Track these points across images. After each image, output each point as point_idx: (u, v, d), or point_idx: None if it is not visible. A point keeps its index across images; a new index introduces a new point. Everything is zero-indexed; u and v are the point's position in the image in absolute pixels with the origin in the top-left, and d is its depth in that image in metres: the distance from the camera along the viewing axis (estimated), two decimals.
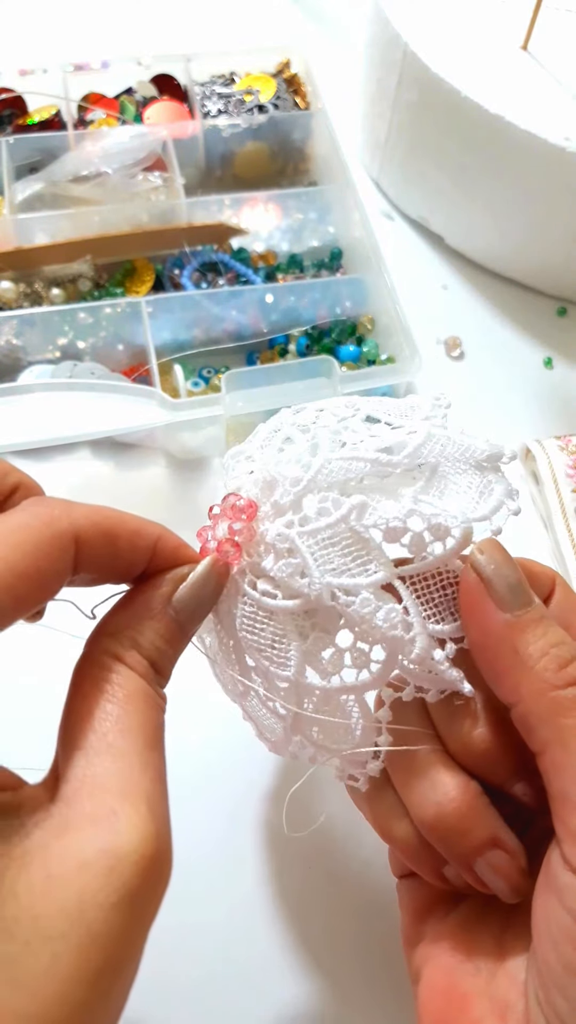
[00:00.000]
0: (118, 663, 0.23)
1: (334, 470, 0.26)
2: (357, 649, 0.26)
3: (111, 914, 0.18)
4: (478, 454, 0.27)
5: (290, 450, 0.28)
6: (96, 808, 0.19)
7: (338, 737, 0.27)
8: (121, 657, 0.23)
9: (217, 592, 0.26)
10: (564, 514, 0.46)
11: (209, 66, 0.63)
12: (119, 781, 0.20)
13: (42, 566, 0.21)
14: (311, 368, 0.47)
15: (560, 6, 0.56)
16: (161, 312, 0.50)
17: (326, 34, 0.74)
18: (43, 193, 0.55)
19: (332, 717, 0.26)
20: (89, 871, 0.18)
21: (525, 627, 0.24)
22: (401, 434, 0.27)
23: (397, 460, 0.26)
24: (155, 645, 0.24)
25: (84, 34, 0.71)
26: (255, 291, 0.52)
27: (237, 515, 0.27)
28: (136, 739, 0.21)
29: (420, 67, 0.52)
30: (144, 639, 0.24)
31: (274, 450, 0.29)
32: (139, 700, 0.22)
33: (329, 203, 0.58)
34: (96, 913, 0.18)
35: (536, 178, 0.51)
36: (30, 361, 0.50)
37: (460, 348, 0.56)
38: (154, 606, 0.25)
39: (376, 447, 0.26)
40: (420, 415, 0.29)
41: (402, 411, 0.29)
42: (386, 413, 0.29)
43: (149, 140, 0.56)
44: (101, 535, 0.23)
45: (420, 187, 0.60)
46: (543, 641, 0.24)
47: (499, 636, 0.24)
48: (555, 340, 0.57)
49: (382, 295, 0.51)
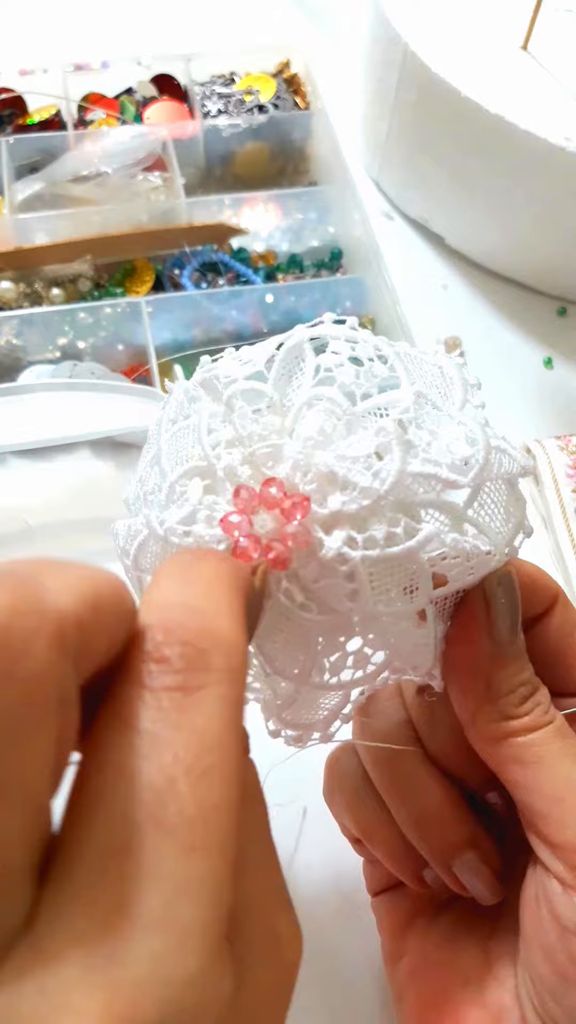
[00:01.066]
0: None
1: (409, 485, 0.22)
2: (361, 653, 0.25)
3: None
4: (514, 469, 0.24)
5: (344, 425, 0.23)
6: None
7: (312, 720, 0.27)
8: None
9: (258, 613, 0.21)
10: (564, 514, 0.46)
11: (209, 66, 0.63)
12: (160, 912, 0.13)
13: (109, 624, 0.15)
14: None
15: (560, 6, 0.56)
16: (161, 312, 0.50)
17: (326, 34, 0.74)
18: (43, 193, 0.55)
19: (312, 706, 0.26)
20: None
21: (507, 662, 0.24)
22: (460, 439, 0.23)
23: (465, 481, 0.22)
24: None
25: (84, 34, 0.71)
26: (255, 291, 0.52)
27: (292, 513, 0.21)
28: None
29: (420, 67, 0.52)
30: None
31: (305, 394, 0.24)
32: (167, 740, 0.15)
33: (329, 203, 0.58)
34: None
35: (536, 178, 0.51)
36: (30, 361, 0.50)
37: (460, 348, 0.56)
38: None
39: (451, 460, 0.22)
40: (457, 397, 0.25)
41: (437, 383, 0.25)
42: (424, 383, 0.25)
43: (149, 140, 0.56)
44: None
45: (420, 187, 0.60)
46: (519, 677, 0.24)
47: (475, 666, 0.24)
48: (555, 340, 0.57)
49: (382, 295, 0.51)
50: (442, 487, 0.22)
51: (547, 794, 0.23)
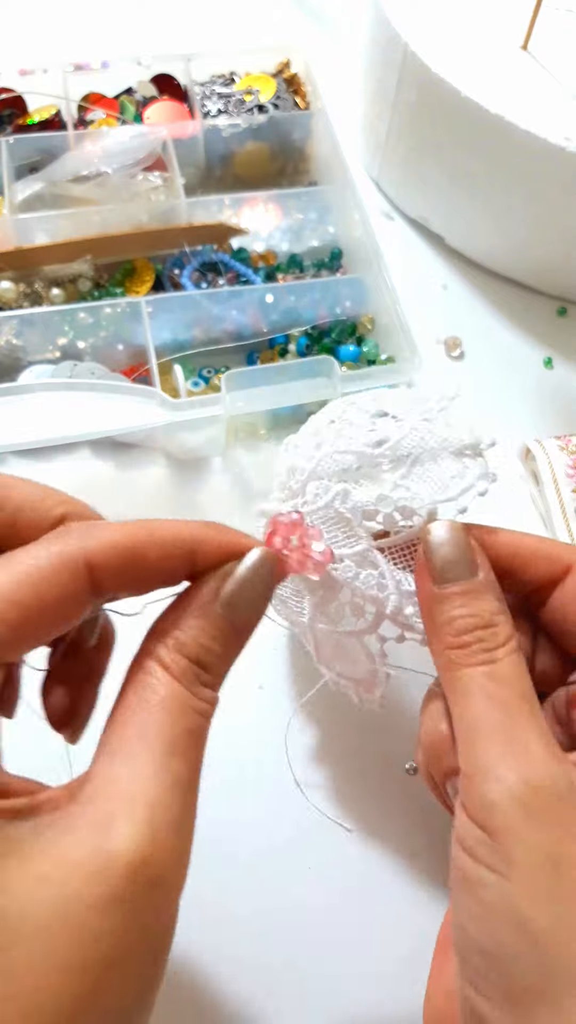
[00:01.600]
0: (156, 666, 0.23)
1: (330, 462, 0.32)
2: (353, 603, 0.32)
3: (95, 914, 0.18)
4: (457, 443, 0.31)
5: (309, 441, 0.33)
6: (99, 811, 0.20)
7: (350, 669, 0.34)
8: (161, 659, 0.23)
9: (269, 585, 0.25)
10: (564, 514, 0.46)
11: (209, 66, 0.63)
12: (127, 786, 0.20)
13: (46, 596, 0.22)
14: (311, 368, 0.47)
15: (560, 6, 0.56)
16: (161, 312, 0.50)
17: (326, 34, 0.74)
18: (43, 193, 0.55)
19: (343, 655, 0.33)
20: (79, 871, 0.19)
21: (444, 599, 0.27)
22: (391, 428, 0.31)
23: (379, 452, 0.31)
24: (199, 643, 0.23)
25: (84, 34, 0.71)
26: (255, 291, 0.52)
27: (318, 534, 0.30)
28: (154, 744, 0.21)
29: (420, 67, 0.52)
30: (187, 637, 0.23)
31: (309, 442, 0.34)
32: (167, 704, 0.22)
33: (329, 203, 0.58)
34: (80, 911, 0.18)
35: (536, 178, 0.51)
36: (30, 361, 0.50)
37: (460, 348, 0.56)
38: (199, 603, 0.24)
39: (368, 441, 0.31)
40: (419, 412, 0.32)
41: (408, 407, 0.33)
42: (396, 408, 0.33)
43: (149, 140, 0.56)
44: (121, 554, 0.23)
45: (420, 187, 0.60)
46: (457, 611, 0.27)
47: (425, 604, 0.28)
48: (555, 340, 0.57)
49: (382, 295, 0.51)
50: (357, 459, 0.31)
51: (464, 725, 0.25)
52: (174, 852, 0.20)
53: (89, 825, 0.20)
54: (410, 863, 0.38)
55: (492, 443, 0.32)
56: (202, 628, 0.24)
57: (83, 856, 0.19)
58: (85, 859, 0.19)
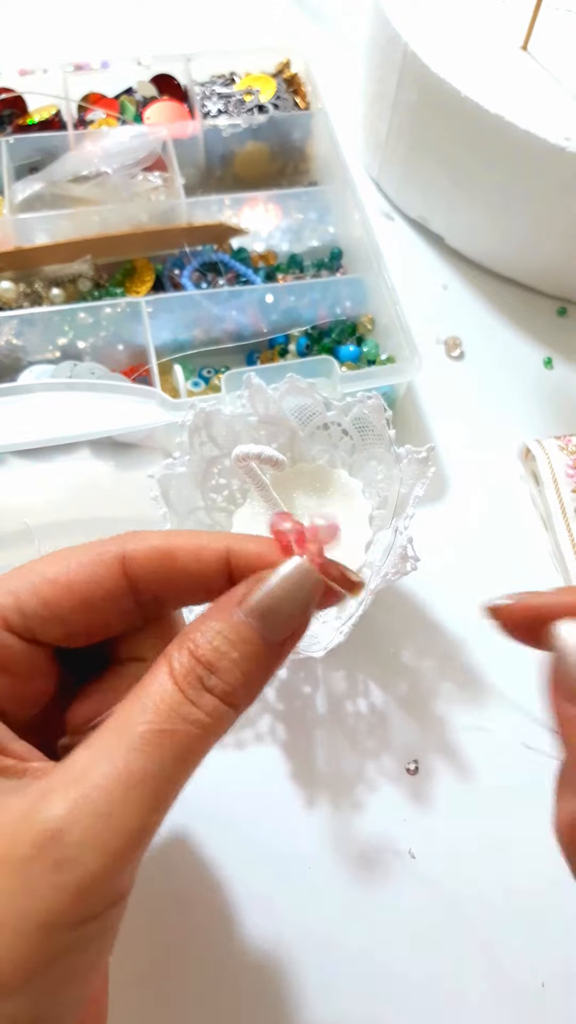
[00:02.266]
0: (162, 665, 0.22)
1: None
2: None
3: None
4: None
5: None
6: (46, 783, 0.20)
7: None
8: (169, 660, 0.22)
9: (305, 601, 0.23)
10: (564, 514, 0.46)
11: (209, 66, 0.63)
12: (79, 767, 0.20)
13: (81, 581, 0.24)
14: (311, 368, 0.47)
15: (560, 6, 0.56)
16: (161, 312, 0.50)
17: (326, 34, 0.74)
18: (43, 193, 0.55)
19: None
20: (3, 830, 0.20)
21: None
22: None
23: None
24: (213, 644, 0.22)
25: (84, 34, 0.71)
26: (255, 291, 0.52)
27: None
28: (122, 737, 0.21)
29: (420, 67, 0.52)
30: (202, 638, 0.22)
31: None
32: (150, 702, 0.21)
33: (329, 203, 0.58)
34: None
35: (536, 178, 0.51)
36: (30, 361, 0.50)
37: (460, 348, 0.56)
38: (220, 605, 0.23)
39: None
40: None
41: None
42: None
43: (149, 140, 0.56)
44: (155, 553, 0.24)
45: (420, 187, 0.60)
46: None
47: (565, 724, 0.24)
48: (555, 340, 0.57)
49: (382, 295, 0.51)
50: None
51: None
52: (97, 843, 0.19)
53: (32, 793, 0.20)
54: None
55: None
56: (218, 630, 0.22)
57: (10, 816, 0.20)
58: (10, 818, 0.20)
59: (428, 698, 0.42)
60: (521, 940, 0.36)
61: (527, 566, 0.47)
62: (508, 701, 0.42)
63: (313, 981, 0.35)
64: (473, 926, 0.37)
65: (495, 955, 0.36)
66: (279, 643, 0.23)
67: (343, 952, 0.36)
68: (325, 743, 0.40)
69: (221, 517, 0.44)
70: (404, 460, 0.40)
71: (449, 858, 0.38)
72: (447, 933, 0.36)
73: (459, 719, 0.41)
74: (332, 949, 0.36)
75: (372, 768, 0.40)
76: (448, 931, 0.37)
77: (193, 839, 0.37)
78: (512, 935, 0.37)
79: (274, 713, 0.41)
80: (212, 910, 0.36)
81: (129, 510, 0.47)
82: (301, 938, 0.36)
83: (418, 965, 0.36)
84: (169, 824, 0.37)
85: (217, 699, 0.22)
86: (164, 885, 0.36)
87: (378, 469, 0.43)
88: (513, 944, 0.36)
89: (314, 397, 0.43)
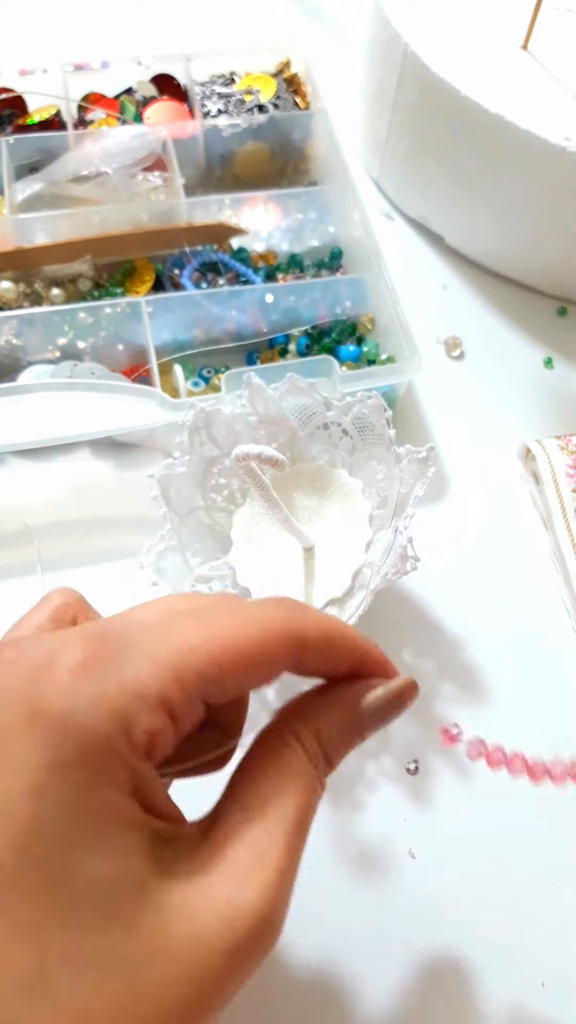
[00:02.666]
0: (297, 743, 0.24)
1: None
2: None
3: (220, 959, 0.20)
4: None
5: None
6: (232, 862, 0.21)
7: None
8: (302, 739, 0.24)
9: (401, 707, 0.27)
10: (564, 514, 0.46)
11: (209, 66, 0.63)
12: (261, 847, 0.22)
13: (267, 652, 0.23)
14: (311, 368, 0.47)
15: (560, 6, 0.56)
16: (161, 312, 0.50)
17: (326, 34, 0.74)
18: (43, 193, 0.55)
19: None
20: (213, 915, 0.20)
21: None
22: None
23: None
24: (333, 738, 0.25)
25: (84, 34, 0.71)
26: (255, 291, 0.52)
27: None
28: (288, 815, 0.22)
29: (420, 67, 0.52)
30: (326, 730, 0.25)
31: None
32: (303, 781, 0.23)
33: (329, 203, 0.58)
34: (207, 956, 0.20)
35: (536, 178, 0.51)
36: (30, 361, 0.50)
37: (460, 348, 0.56)
38: (345, 705, 0.26)
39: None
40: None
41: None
42: None
43: (149, 140, 0.56)
44: (324, 642, 0.25)
45: (420, 187, 0.60)
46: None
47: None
48: (555, 340, 0.57)
49: (382, 295, 0.51)
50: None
51: None
52: (283, 919, 0.22)
53: (223, 874, 0.21)
54: None
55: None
56: (343, 726, 0.25)
57: (219, 903, 0.20)
58: (219, 906, 0.20)
59: (428, 698, 0.42)
60: (521, 940, 0.36)
61: (527, 566, 0.47)
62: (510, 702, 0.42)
63: (312, 981, 0.35)
64: (473, 926, 0.37)
65: (495, 955, 0.36)
66: (368, 731, 0.26)
67: (343, 952, 0.36)
68: None
69: (221, 517, 0.44)
70: (404, 460, 0.40)
71: (449, 858, 0.38)
72: (446, 933, 0.36)
73: (459, 719, 0.41)
74: (332, 949, 0.36)
75: (372, 768, 0.40)
76: (448, 931, 0.37)
77: None
78: (512, 935, 0.37)
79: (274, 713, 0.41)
80: None
81: (129, 510, 0.47)
82: (300, 938, 0.36)
83: (418, 965, 0.36)
84: None
85: (330, 772, 0.25)
86: None
87: (378, 469, 0.43)
88: (513, 944, 0.36)
89: (314, 397, 0.43)
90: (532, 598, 0.46)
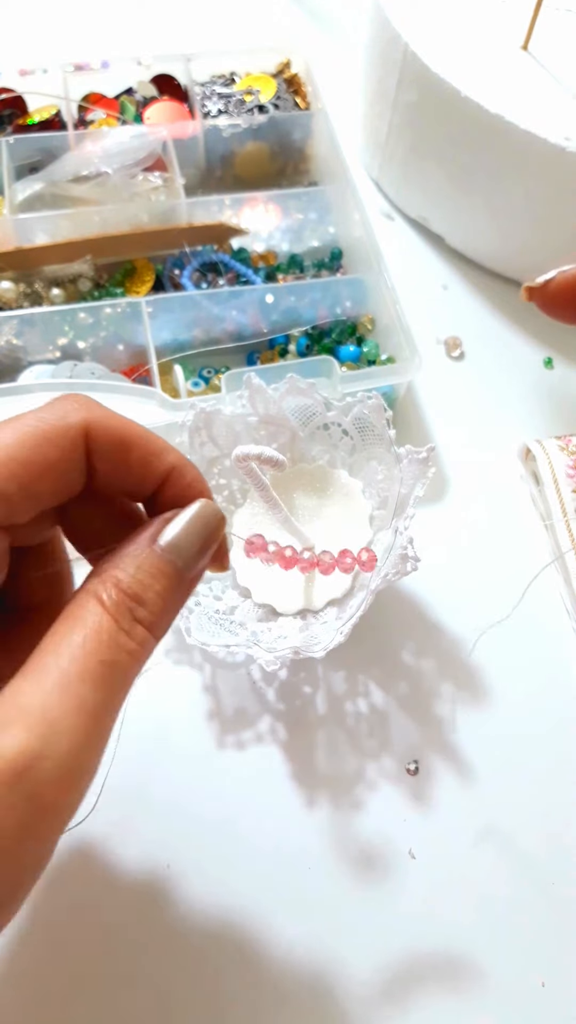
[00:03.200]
0: (90, 598, 0.23)
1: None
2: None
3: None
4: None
5: None
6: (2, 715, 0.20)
7: None
8: (96, 593, 0.23)
9: (207, 537, 0.25)
10: (564, 514, 0.46)
11: (209, 66, 0.63)
12: (27, 699, 0.20)
13: (49, 455, 0.23)
14: (311, 368, 0.47)
15: (560, 6, 0.56)
16: (161, 312, 0.50)
17: (326, 34, 0.74)
18: (43, 193, 0.55)
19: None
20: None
21: None
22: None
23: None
24: (136, 578, 0.23)
25: (84, 34, 0.71)
26: (255, 291, 0.52)
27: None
28: (67, 667, 0.21)
29: (420, 67, 0.52)
30: (125, 573, 0.23)
31: None
32: (91, 633, 0.22)
33: (329, 203, 0.58)
34: None
35: (536, 178, 0.51)
36: (30, 361, 0.50)
37: (460, 348, 0.56)
38: (139, 541, 0.24)
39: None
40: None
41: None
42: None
43: (149, 140, 0.56)
44: (114, 438, 0.24)
45: (420, 187, 0.60)
46: None
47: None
48: (555, 340, 0.57)
49: (382, 295, 0.51)
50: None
51: None
52: (65, 776, 0.20)
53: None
54: None
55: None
56: (140, 565, 0.24)
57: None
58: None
59: (428, 698, 0.42)
60: (521, 940, 0.36)
61: (527, 566, 0.47)
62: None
63: (313, 981, 0.35)
64: (473, 926, 0.37)
65: (495, 955, 0.36)
66: (190, 576, 0.25)
67: (343, 952, 0.36)
68: (325, 743, 0.40)
69: None
70: (404, 460, 0.40)
71: (449, 858, 0.38)
72: (447, 933, 0.37)
73: (459, 719, 0.41)
74: (332, 949, 0.36)
75: (372, 768, 0.40)
76: (448, 931, 0.37)
77: (193, 839, 0.37)
78: (512, 935, 0.37)
79: (274, 713, 0.41)
80: (211, 910, 0.36)
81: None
82: (300, 938, 0.36)
83: (418, 965, 0.36)
84: (169, 824, 0.37)
85: (145, 629, 0.23)
86: (163, 884, 0.36)
87: (378, 469, 0.43)
88: (513, 943, 0.36)
89: (314, 397, 0.43)
90: (532, 598, 0.46)
